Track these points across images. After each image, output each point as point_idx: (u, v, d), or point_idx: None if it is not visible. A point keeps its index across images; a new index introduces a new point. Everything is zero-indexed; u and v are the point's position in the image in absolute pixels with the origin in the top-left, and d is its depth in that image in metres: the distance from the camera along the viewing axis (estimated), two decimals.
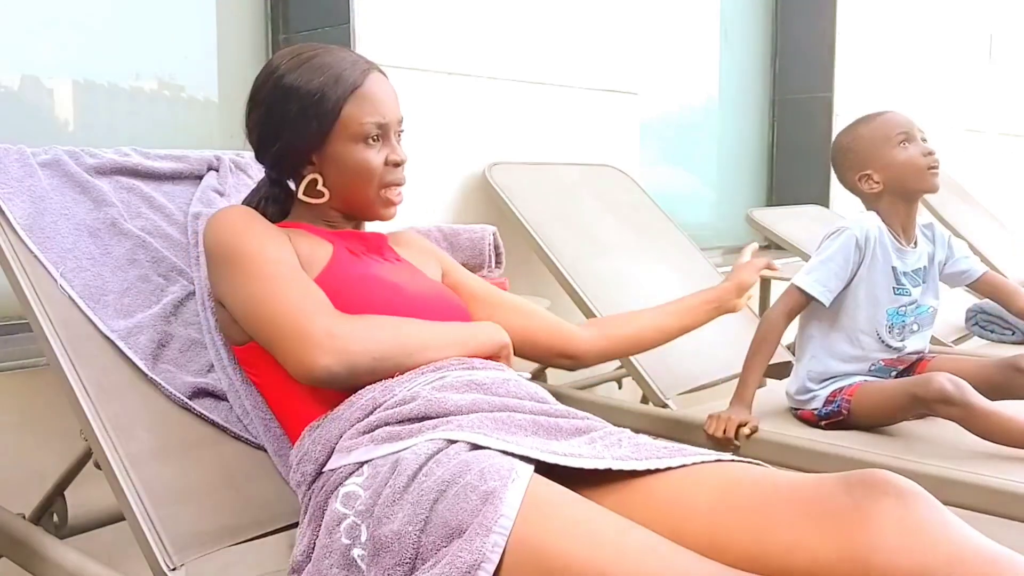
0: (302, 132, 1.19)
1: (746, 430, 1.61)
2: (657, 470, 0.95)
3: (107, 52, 1.80)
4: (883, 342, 1.70)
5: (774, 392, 1.89)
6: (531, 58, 2.32)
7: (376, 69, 1.23)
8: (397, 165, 1.23)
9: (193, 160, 1.48)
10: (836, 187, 1.81)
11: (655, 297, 2.10)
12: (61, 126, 1.76)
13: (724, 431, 1.61)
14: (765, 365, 1.69)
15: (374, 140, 1.20)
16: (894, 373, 1.75)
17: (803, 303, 1.70)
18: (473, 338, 1.17)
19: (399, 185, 1.24)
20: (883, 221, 1.70)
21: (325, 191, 1.22)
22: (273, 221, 1.25)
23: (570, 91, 2.43)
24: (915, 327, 1.73)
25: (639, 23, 2.65)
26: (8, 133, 1.64)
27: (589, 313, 1.93)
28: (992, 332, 2.48)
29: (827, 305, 1.67)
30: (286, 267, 1.12)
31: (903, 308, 1.70)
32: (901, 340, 1.71)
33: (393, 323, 1.11)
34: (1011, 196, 4.39)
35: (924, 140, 1.70)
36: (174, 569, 1.05)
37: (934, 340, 2.40)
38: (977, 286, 1.86)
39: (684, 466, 0.96)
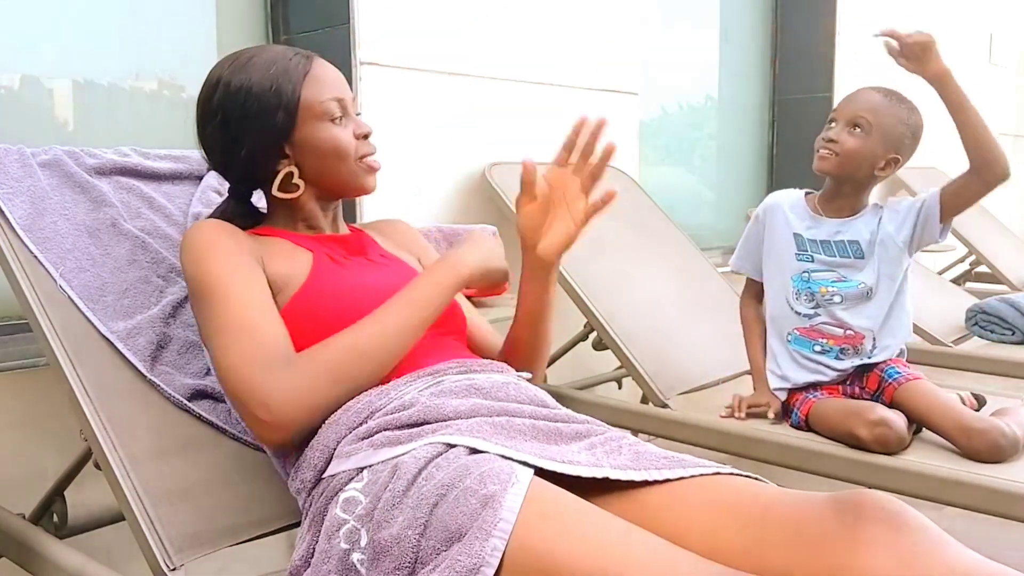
0: (269, 126, 1.18)
1: (771, 414, 1.69)
2: (655, 481, 0.95)
3: (107, 52, 1.80)
4: (792, 309, 1.71)
5: None
6: (531, 58, 2.32)
7: (315, 56, 1.24)
8: (366, 136, 1.25)
9: (193, 160, 1.49)
10: None
11: (654, 297, 2.11)
12: (61, 126, 1.76)
13: (737, 408, 1.73)
14: (760, 344, 1.78)
15: (338, 120, 1.21)
16: (816, 347, 1.69)
17: (749, 282, 1.83)
18: (427, 307, 1.13)
19: (372, 154, 1.25)
20: (822, 194, 1.75)
21: (301, 183, 1.22)
22: (246, 228, 1.24)
23: (570, 91, 2.43)
24: (836, 299, 1.67)
25: (639, 23, 2.65)
26: (8, 133, 1.64)
27: (589, 313, 1.93)
28: (992, 332, 2.48)
29: (756, 279, 1.80)
30: (245, 298, 1.09)
31: (806, 274, 1.70)
32: (812, 307, 1.69)
33: (341, 347, 1.07)
34: (1012, 196, 4.39)
35: None
36: (174, 569, 1.05)
37: (933, 340, 2.40)
38: (944, 204, 1.68)
39: (682, 479, 0.95)
